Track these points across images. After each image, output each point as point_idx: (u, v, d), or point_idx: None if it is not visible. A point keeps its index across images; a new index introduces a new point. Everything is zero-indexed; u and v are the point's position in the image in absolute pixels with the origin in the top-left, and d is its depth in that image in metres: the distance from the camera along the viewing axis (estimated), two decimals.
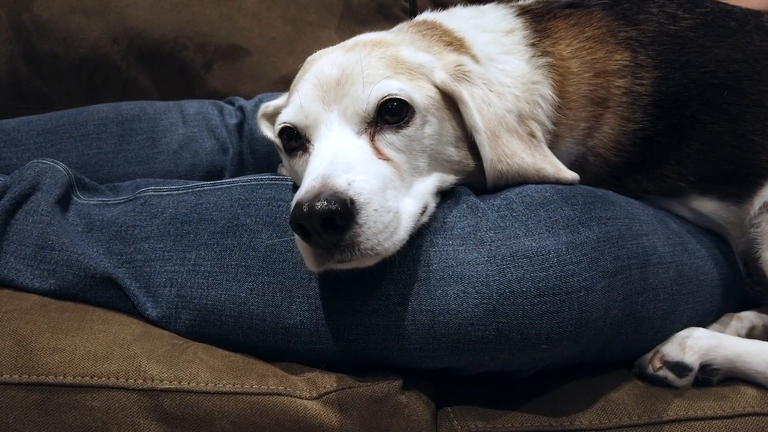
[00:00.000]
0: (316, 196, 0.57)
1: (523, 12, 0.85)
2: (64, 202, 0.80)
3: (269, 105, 0.85)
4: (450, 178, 0.72)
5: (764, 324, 0.83)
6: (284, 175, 0.83)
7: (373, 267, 0.62)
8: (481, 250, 0.65)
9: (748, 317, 0.84)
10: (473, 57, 0.77)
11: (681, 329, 0.76)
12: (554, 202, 0.68)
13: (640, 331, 0.73)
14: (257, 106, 1.12)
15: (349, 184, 0.59)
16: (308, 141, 0.69)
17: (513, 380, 0.73)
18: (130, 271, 0.74)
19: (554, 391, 0.71)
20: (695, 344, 0.73)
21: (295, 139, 0.70)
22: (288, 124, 0.69)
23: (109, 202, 0.82)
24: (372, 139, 0.66)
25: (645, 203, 0.82)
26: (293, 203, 0.59)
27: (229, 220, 0.73)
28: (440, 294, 0.64)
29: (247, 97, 1.32)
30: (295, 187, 0.75)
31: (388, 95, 0.65)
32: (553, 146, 0.79)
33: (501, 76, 0.78)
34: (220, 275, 0.71)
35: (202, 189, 0.78)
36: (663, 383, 0.73)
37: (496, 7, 0.88)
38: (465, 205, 0.69)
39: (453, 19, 0.84)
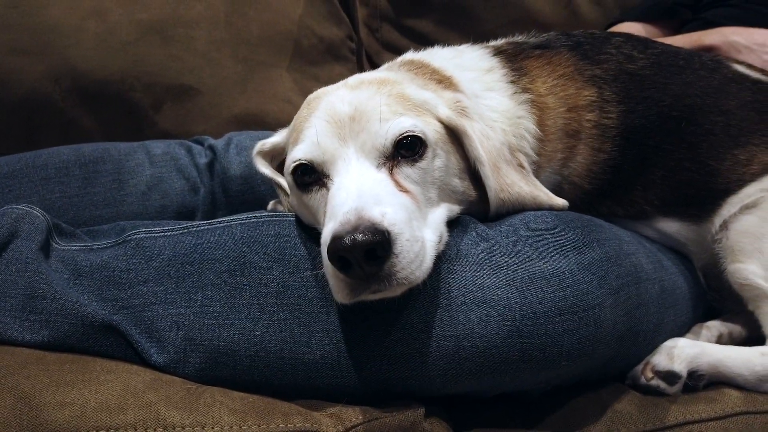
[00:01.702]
0: (355, 228, 0.58)
1: (498, 52, 0.90)
2: (45, 248, 0.76)
3: (266, 143, 0.84)
4: (456, 208, 0.74)
5: (729, 331, 0.92)
6: (279, 211, 0.82)
7: (399, 296, 0.63)
8: (499, 274, 0.68)
9: (715, 326, 0.92)
10: (463, 94, 0.81)
11: (665, 341, 0.82)
12: (557, 227, 0.73)
13: (636, 344, 0.78)
14: (228, 144, 1.11)
15: (383, 216, 0.60)
16: (326, 176, 0.69)
17: (523, 401, 0.76)
18: (128, 317, 0.71)
19: (564, 408, 0.75)
20: (681, 353, 0.79)
21: (309, 175, 0.70)
22: (304, 161, 0.70)
23: (93, 247, 0.78)
24: (391, 173, 0.68)
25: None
26: (329, 236, 0.60)
27: (235, 258, 0.71)
28: (463, 319, 0.66)
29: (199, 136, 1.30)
30: (299, 222, 0.75)
31: (405, 131, 0.68)
32: (535, 176, 0.84)
33: (487, 111, 0.82)
34: (231, 315, 0.69)
35: (199, 229, 0.76)
36: (656, 392, 0.78)
37: (471, 47, 0.93)
38: (474, 233, 0.72)
39: (436, 58, 0.88)
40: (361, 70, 1.63)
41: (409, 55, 0.92)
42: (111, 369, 0.67)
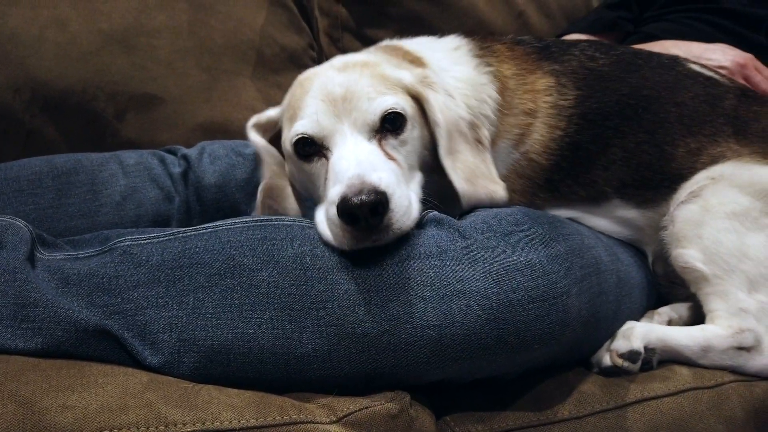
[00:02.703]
0: (360, 191, 0.70)
1: (469, 36, 1.02)
2: (31, 259, 0.77)
3: (262, 116, 0.95)
4: (423, 177, 0.86)
5: (678, 315, 1.00)
6: (260, 216, 0.86)
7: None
8: (476, 267, 0.74)
9: (665, 312, 1.00)
10: (431, 70, 0.93)
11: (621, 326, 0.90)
12: (527, 223, 0.79)
13: (598, 329, 0.85)
14: (201, 153, 1.13)
15: (380, 180, 0.72)
16: (326, 149, 0.81)
17: (499, 385, 0.82)
18: (120, 321, 0.73)
19: (534, 390, 0.81)
20: (635, 332, 0.87)
21: (309, 147, 0.82)
22: (305, 135, 0.81)
23: (79, 256, 0.79)
24: (380, 144, 0.80)
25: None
26: (337, 197, 0.72)
27: (224, 261, 0.74)
28: (445, 309, 0.72)
29: (163, 145, 1.32)
30: (282, 227, 0.79)
31: (389, 108, 0.80)
32: (492, 146, 0.94)
33: (453, 81, 0.93)
34: (223, 315, 0.72)
35: (185, 234, 0.79)
36: (620, 372, 0.85)
37: (452, 36, 1.05)
38: (452, 230, 0.78)
39: (411, 43, 1.01)
40: None
41: (386, 42, 1.02)
42: (107, 372, 0.69)
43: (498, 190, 0.87)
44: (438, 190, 0.87)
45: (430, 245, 0.76)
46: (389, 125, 0.81)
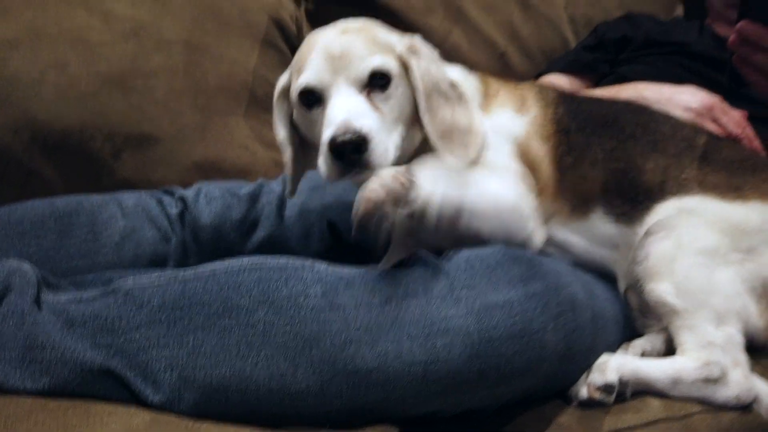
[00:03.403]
0: (346, 132, 0.84)
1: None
2: (37, 301, 0.81)
3: (281, 83, 1.06)
4: (404, 133, 0.96)
5: (652, 348, 1.05)
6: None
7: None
8: (459, 306, 0.79)
9: (639, 344, 1.05)
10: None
11: (597, 359, 0.95)
12: (507, 263, 0.85)
13: (574, 362, 0.90)
14: (197, 194, 1.18)
15: (363, 126, 0.85)
16: (323, 98, 0.92)
17: (481, 417, 0.86)
18: (123, 361, 0.77)
19: (515, 422, 0.86)
20: (610, 365, 0.91)
21: (311, 96, 0.93)
22: (308, 87, 0.93)
23: (83, 298, 0.83)
24: (368, 96, 0.91)
25: (559, 260, 1.02)
26: (328, 137, 0.86)
27: (222, 302, 0.79)
28: (430, 347, 0.77)
29: (158, 184, 1.36)
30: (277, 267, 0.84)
31: (377, 67, 0.91)
32: (488, 112, 1.05)
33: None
34: (222, 354, 0.76)
35: (185, 277, 0.83)
36: (597, 404, 0.90)
37: None
38: (436, 270, 0.83)
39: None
40: None
41: None
42: (112, 411, 0.72)
43: (473, 141, 0.97)
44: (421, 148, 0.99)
45: (415, 285, 0.81)
46: (376, 81, 0.91)
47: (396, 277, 0.82)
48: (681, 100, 1.36)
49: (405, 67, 0.95)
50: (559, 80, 1.68)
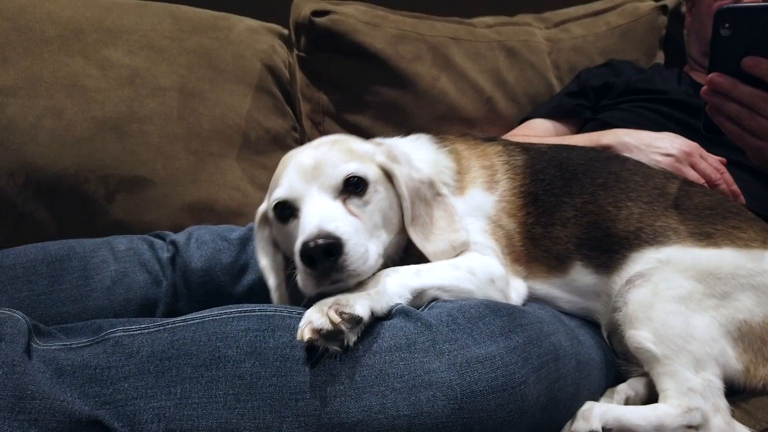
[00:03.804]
0: (317, 237, 0.81)
1: (426, 132, 1.19)
2: (27, 350, 0.82)
3: (260, 211, 1.06)
4: (393, 238, 0.97)
5: (635, 393, 1.07)
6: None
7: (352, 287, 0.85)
8: (442, 359, 0.81)
9: (623, 389, 1.07)
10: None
11: (581, 407, 0.96)
12: (488, 316, 0.87)
13: (557, 411, 0.92)
14: (189, 239, 1.20)
15: (336, 228, 0.84)
16: (297, 209, 0.92)
17: None
18: (111, 411, 0.78)
19: None
20: (593, 413, 0.93)
21: (286, 210, 0.94)
22: (281, 199, 0.94)
23: (72, 346, 0.84)
24: (344, 203, 0.92)
25: (543, 307, 1.04)
26: (299, 245, 0.84)
27: (210, 353, 0.80)
28: (414, 400, 0.78)
29: (151, 225, 1.38)
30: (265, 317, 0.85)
31: (350, 173, 0.92)
32: (462, 194, 1.08)
33: (419, 163, 1.07)
34: (209, 405, 0.77)
35: (174, 326, 0.85)
36: None
37: (413, 133, 1.21)
38: (420, 323, 0.85)
39: (379, 139, 1.15)
40: None
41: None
42: None
43: (458, 237, 0.99)
44: (410, 249, 1.00)
45: (399, 338, 0.83)
46: (352, 187, 0.92)
47: (379, 331, 0.84)
48: (660, 146, 1.40)
49: (387, 175, 0.97)
50: (543, 125, 1.73)
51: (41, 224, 1.38)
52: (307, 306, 0.84)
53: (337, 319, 0.79)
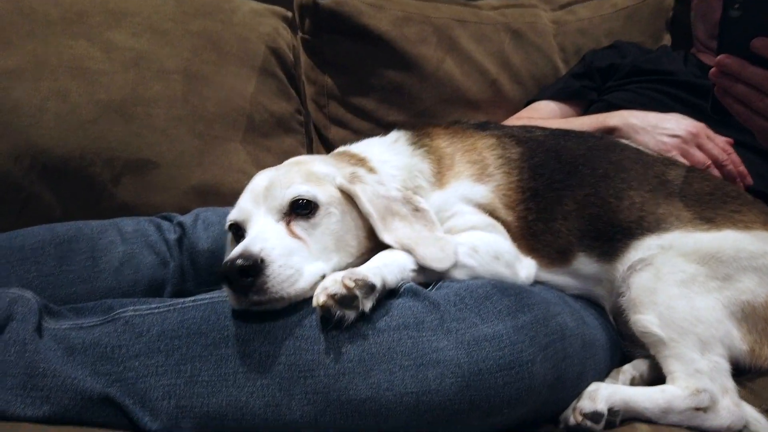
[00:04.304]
0: (237, 257, 0.80)
1: (407, 129, 1.17)
2: (38, 329, 0.82)
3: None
4: (353, 260, 0.93)
5: (640, 374, 1.07)
6: None
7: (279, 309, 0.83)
8: (450, 338, 0.81)
9: (628, 370, 1.07)
10: (371, 169, 1.05)
11: (587, 386, 0.97)
12: (495, 295, 0.87)
13: (564, 390, 0.92)
14: (195, 220, 1.21)
15: (261, 250, 0.82)
16: (245, 230, 0.92)
17: None
18: (122, 389, 0.79)
19: None
20: (600, 394, 0.94)
21: (238, 231, 0.95)
22: (231, 221, 0.95)
23: (83, 325, 0.85)
24: (288, 225, 0.90)
25: (549, 289, 1.04)
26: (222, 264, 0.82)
27: (219, 332, 0.81)
28: (422, 377, 0.79)
29: (157, 208, 1.39)
30: None
31: (297, 195, 0.91)
32: (444, 186, 1.06)
33: (391, 170, 1.07)
34: (218, 383, 0.78)
35: (183, 306, 0.85)
36: (585, 431, 0.92)
37: (394, 131, 1.18)
38: (427, 302, 0.85)
39: (358, 146, 1.15)
40: (310, 141, 1.77)
41: (341, 148, 1.17)
42: None
43: (441, 252, 0.93)
44: None
45: (407, 316, 0.83)
46: (300, 209, 0.91)
47: (388, 309, 0.84)
48: (667, 127, 1.40)
49: (347, 197, 0.95)
50: (549, 107, 1.72)
51: (47, 207, 1.39)
52: None
53: (351, 284, 0.79)
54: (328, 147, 1.77)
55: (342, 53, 1.72)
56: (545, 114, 1.69)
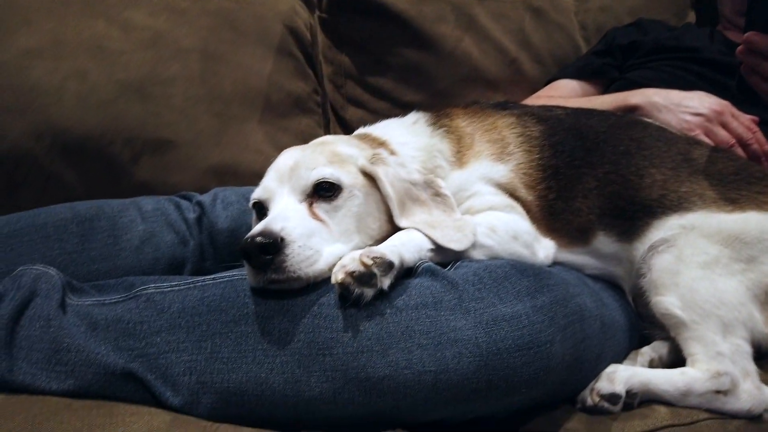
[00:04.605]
0: (258, 235, 0.80)
1: (427, 109, 1.16)
2: (62, 305, 0.84)
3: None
4: (369, 242, 0.93)
5: (659, 356, 1.07)
6: None
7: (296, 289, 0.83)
8: (468, 317, 0.81)
9: (647, 352, 1.07)
10: (391, 150, 1.04)
11: (606, 368, 0.96)
12: (514, 275, 0.87)
13: (582, 371, 0.92)
14: (214, 200, 1.21)
15: (282, 229, 0.82)
16: (268, 209, 0.93)
17: (491, 423, 0.88)
18: (144, 364, 0.80)
19: (525, 427, 0.88)
20: (619, 376, 0.93)
21: (261, 209, 0.95)
22: (255, 199, 0.95)
23: (105, 302, 0.86)
24: (310, 206, 0.91)
25: (568, 270, 1.03)
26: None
27: (239, 309, 0.82)
28: (440, 356, 0.79)
29: (175, 187, 1.40)
30: None
31: (321, 177, 0.91)
32: (464, 166, 1.06)
33: (411, 151, 1.06)
34: (238, 360, 0.79)
35: (204, 283, 0.86)
36: (602, 411, 0.92)
37: (413, 113, 1.17)
38: (446, 281, 0.85)
39: (377, 128, 1.14)
40: (327, 121, 1.76)
41: (361, 130, 1.16)
42: (134, 412, 0.76)
43: (459, 232, 0.92)
44: None
45: (425, 296, 0.83)
46: (323, 191, 0.91)
47: (406, 288, 0.84)
48: (690, 105, 1.37)
49: (370, 179, 0.95)
50: (570, 86, 1.70)
51: (68, 185, 1.40)
52: None
53: (369, 261, 0.80)
54: (344, 127, 1.77)
55: (359, 32, 1.71)
56: (565, 93, 1.67)
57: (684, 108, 1.36)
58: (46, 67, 1.39)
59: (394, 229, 0.94)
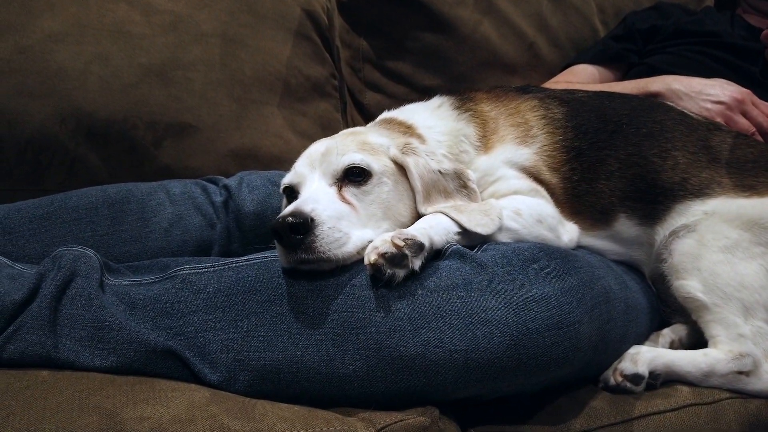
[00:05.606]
0: (288, 215, 0.82)
1: (450, 94, 1.16)
2: (101, 285, 0.86)
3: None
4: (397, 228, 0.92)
5: (679, 338, 1.09)
6: None
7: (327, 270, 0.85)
8: (498, 298, 0.83)
9: (668, 334, 1.09)
10: (419, 136, 1.06)
11: (629, 349, 0.98)
12: (542, 258, 0.88)
13: (607, 352, 0.94)
14: (240, 183, 1.23)
15: (312, 210, 0.84)
16: (299, 192, 0.95)
17: (518, 401, 0.91)
18: (182, 342, 0.82)
19: (551, 406, 0.90)
20: (642, 357, 0.95)
21: (292, 194, 0.98)
22: (286, 184, 0.98)
23: (142, 282, 0.89)
24: (340, 190, 0.93)
25: (592, 253, 1.05)
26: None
27: (273, 289, 0.84)
28: (471, 336, 0.81)
29: (196, 171, 1.41)
30: None
31: (352, 162, 0.93)
32: (490, 150, 1.07)
33: (438, 136, 1.07)
34: (274, 338, 0.81)
35: (238, 264, 0.88)
36: (625, 391, 0.94)
37: (437, 96, 1.18)
38: (475, 263, 0.87)
39: (402, 112, 1.15)
40: (344, 106, 1.77)
41: (386, 114, 1.16)
42: (175, 387, 0.78)
43: (485, 216, 0.94)
44: None
45: (455, 277, 0.85)
46: (353, 176, 0.93)
47: (436, 270, 0.86)
48: (711, 93, 1.37)
49: (400, 167, 0.96)
50: (587, 71, 1.70)
51: (93, 169, 1.42)
52: None
53: (400, 243, 0.81)
54: (362, 112, 1.78)
55: (377, 15, 1.71)
56: (583, 78, 1.67)
57: (705, 96, 1.37)
58: (70, 51, 1.40)
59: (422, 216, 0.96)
